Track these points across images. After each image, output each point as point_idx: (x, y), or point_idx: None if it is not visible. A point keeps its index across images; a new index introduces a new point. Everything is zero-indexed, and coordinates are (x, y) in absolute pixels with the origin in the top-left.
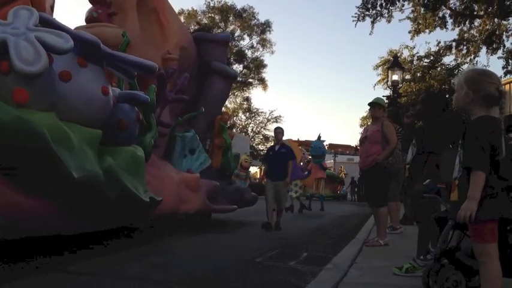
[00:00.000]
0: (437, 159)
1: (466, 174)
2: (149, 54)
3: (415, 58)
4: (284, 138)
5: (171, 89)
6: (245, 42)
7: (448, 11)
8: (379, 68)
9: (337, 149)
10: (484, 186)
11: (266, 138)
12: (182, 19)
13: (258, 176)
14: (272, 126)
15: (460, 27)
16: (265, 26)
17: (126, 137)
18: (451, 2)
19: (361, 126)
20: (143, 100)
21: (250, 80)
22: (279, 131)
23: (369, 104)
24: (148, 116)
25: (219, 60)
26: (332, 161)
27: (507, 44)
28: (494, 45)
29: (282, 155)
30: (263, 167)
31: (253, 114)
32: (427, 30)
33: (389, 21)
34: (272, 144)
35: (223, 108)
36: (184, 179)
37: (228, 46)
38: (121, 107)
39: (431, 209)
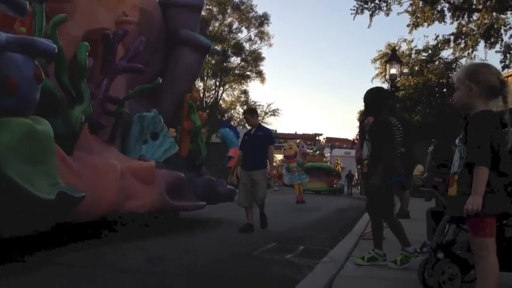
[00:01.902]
0: (392, 151)
1: (468, 169)
2: (99, 15)
3: (413, 52)
4: (281, 131)
5: (123, 55)
6: (243, 34)
7: (447, 5)
8: (377, 61)
9: (335, 143)
10: (488, 181)
11: None
12: None
13: None
14: (270, 120)
15: (458, 21)
16: (263, 19)
17: (17, 102)
18: None
19: (358, 119)
20: (46, 50)
21: (248, 73)
22: (246, 117)
23: None
24: (79, 83)
25: (189, 28)
26: (329, 154)
27: (505, 38)
28: (492, 39)
29: (259, 139)
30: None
31: None
32: (425, 24)
33: (387, 15)
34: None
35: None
36: (132, 168)
37: (200, 12)
38: (9, 58)
39: (386, 203)
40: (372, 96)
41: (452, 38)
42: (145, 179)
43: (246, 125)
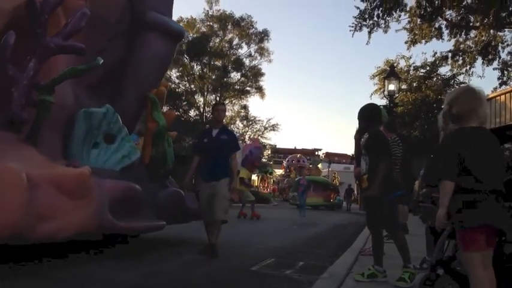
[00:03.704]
0: (388, 166)
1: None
2: None
3: (412, 68)
4: (280, 146)
5: (59, 31)
6: (243, 50)
7: (444, 22)
8: (376, 77)
9: (334, 158)
10: (463, 193)
11: (263, 146)
12: None
13: (256, 184)
14: (269, 135)
15: (456, 38)
16: (263, 35)
17: None
18: (447, 13)
19: (354, 137)
20: None
21: (248, 88)
22: (221, 109)
23: None
24: None
25: (158, 11)
26: (327, 169)
27: (503, 55)
28: (489, 56)
29: (222, 144)
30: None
31: (250, 122)
32: (423, 41)
33: (386, 32)
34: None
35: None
36: (53, 177)
37: None
38: None
39: (390, 218)
40: (366, 113)
41: (450, 55)
42: (74, 192)
43: (246, 140)
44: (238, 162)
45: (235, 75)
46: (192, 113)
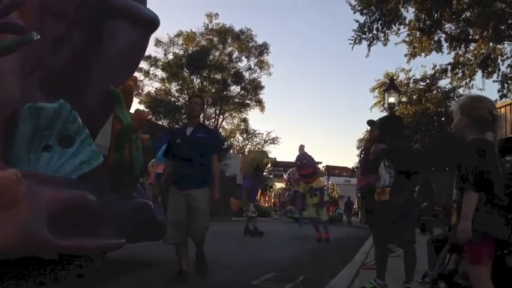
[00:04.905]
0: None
1: (461, 195)
2: None
3: (411, 81)
4: (281, 159)
5: None
6: (243, 64)
7: (444, 35)
8: (376, 90)
9: (334, 171)
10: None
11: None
12: (181, 40)
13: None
14: (269, 148)
15: (455, 51)
16: (263, 48)
17: None
18: (447, 26)
19: (357, 148)
20: None
21: (248, 101)
22: (196, 101)
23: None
24: None
25: None
26: (327, 182)
27: (502, 68)
28: (489, 69)
29: (199, 144)
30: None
31: (250, 136)
32: (423, 54)
33: (385, 45)
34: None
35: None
36: None
37: None
38: None
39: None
40: (390, 124)
41: (449, 67)
42: None
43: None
44: (219, 165)
45: (234, 89)
46: None
